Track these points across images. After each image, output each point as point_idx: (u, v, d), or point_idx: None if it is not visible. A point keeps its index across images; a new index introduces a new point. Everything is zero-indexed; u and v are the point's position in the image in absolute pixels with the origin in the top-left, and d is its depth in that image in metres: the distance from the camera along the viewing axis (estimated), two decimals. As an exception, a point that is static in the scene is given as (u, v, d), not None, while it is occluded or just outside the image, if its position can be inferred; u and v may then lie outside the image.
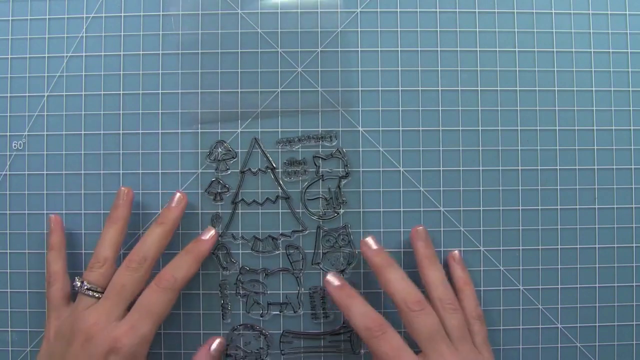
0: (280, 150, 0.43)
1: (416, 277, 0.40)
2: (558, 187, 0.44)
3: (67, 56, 0.44)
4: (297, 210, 0.43)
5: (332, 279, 0.40)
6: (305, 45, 0.44)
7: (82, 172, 0.44)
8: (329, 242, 0.43)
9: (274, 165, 0.43)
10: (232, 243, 0.43)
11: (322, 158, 0.43)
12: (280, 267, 0.43)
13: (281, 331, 0.43)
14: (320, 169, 0.43)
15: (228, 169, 0.43)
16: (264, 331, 0.43)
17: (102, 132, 0.44)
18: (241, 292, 0.43)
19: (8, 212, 0.44)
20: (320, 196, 0.43)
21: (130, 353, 0.35)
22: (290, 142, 0.43)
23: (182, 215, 0.41)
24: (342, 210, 0.43)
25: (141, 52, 0.44)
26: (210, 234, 0.42)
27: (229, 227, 0.43)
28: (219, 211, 0.43)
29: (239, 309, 0.43)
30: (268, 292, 0.43)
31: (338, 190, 0.43)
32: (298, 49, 0.44)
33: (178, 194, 0.41)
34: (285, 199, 0.43)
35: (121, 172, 0.44)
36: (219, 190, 0.43)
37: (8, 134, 0.44)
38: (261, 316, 0.43)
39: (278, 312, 0.43)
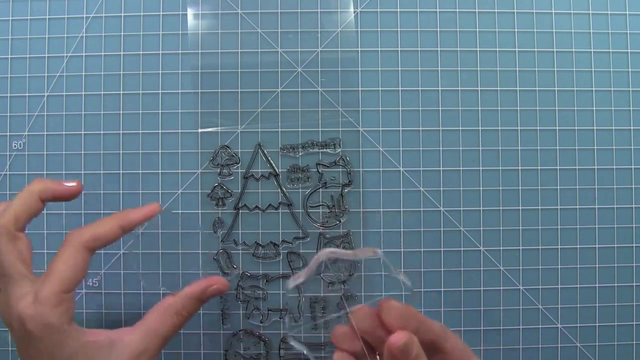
0: (281, 155, 0.43)
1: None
2: (558, 187, 0.44)
3: (67, 56, 0.44)
4: (299, 211, 0.43)
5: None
6: (305, 45, 0.44)
7: (82, 172, 0.44)
8: None
9: (277, 172, 0.43)
10: (233, 248, 0.43)
11: (325, 165, 0.43)
12: (281, 273, 0.43)
13: (281, 337, 0.43)
14: (323, 177, 0.43)
15: (231, 174, 0.43)
16: (263, 337, 0.43)
17: (102, 132, 0.44)
18: (241, 297, 0.43)
19: (8, 212, 0.44)
20: (322, 203, 0.43)
21: (35, 321, 0.30)
22: (294, 148, 0.43)
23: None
24: (344, 219, 0.43)
25: (141, 52, 0.44)
26: (149, 207, 0.35)
27: (230, 232, 0.43)
28: (220, 216, 0.43)
29: (239, 315, 0.43)
30: (268, 298, 0.43)
31: (341, 199, 0.43)
32: (298, 49, 0.44)
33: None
34: (287, 206, 0.43)
35: (121, 172, 0.44)
36: (222, 196, 0.43)
37: (8, 134, 0.44)
38: (261, 322, 0.43)
39: (278, 319, 0.43)
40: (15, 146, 0.44)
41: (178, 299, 0.35)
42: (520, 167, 0.43)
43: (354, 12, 0.44)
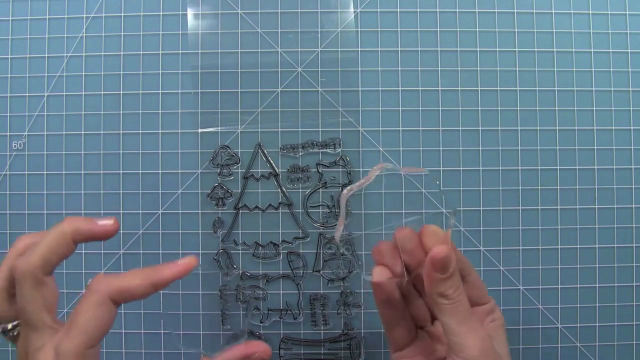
0: (281, 155, 0.43)
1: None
2: (558, 187, 0.43)
3: (67, 56, 0.44)
4: (299, 211, 0.43)
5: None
6: (305, 45, 0.44)
7: (82, 172, 0.44)
8: (331, 250, 0.43)
9: (277, 172, 0.43)
10: (233, 248, 0.43)
11: (325, 165, 0.43)
12: (280, 273, 0.43)
13: (281, 337, 0.43)
14: (323, 177, 0.43)
15: (231, 174, 0.43)
16: (263, 337, 0.43)
17: (102, 132, 0.44)
18: (241, 298, 0.43)
19: (8, 212, 0.44)
20: (322, 203, 0.43)
21: None
22: (294, 148, 0.43)
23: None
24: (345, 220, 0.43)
25: (141, 52, 0.44)
26: (185, 262, 0.31)
27: (230, 232, 0.43)
28: (220, 216, 0.43)
29: (239, 315, 0.43)
30: (268, 297, 0.43)
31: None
32: (298, 49, 0.44)
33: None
34: (287, 206, 0.43)
35: (121, 172, 0.44)
36: (222, 196, 0.43)
37: (8, 134, 0.44)
38: (261, 322, 0.43)
39: (278, 319, 0.43)
40: (15, 146, 0.44)
41: None
42: (520, 167, 0.43)
43: (354, 12, 0.44)
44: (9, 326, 0.30)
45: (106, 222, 0.31)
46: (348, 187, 0.34)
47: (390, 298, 0.34)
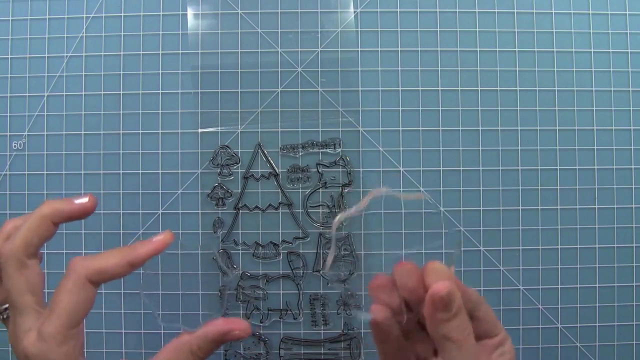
0: (281, 155, 0.43)
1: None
2: (558, 187, 0.44)
3: (67, 56, 0.44)
4: (299, 211, 0.43)
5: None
6: (305, 45, 0.44)
7: (82, 172, 0.44)
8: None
9: (277, 172, 0.43)
10: (233, 248, 0.43)
11: (325, 165, 0.43)
12: (280, 273, 0.43)
13: (281, 337, 0.43)
14: (323, 177, 0.43)
15: (231, 174, 0.43)
16: (263, 337, 0.43)
17: (102, 132, 0.44)
18: (241, 297, 0.43)
19: (8, 212, 0.44)
20: (322, 203, 0.43)
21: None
22: (294, 148, 0.43)
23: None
24: (345, 220, 0.43)
25: (141, 52, 0.44)
26: (160, 238, 0.31)
27: (230, 232, 0.43)
28: (220, 216, 0.43)
29: (239, 314, 0.43)
30: (268, 297, 0.43)
31: (341, 199, 0.43)
32: (298, 49, 0.44)
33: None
34: (287, 206, 0.43)
35: (121, 172, 0.44)
36: (222, 196, 0.43)
37: (8, 134, 0.44)
38: (261, 322, 0.43)
39: (278, 318, 0.43)
40: (15, 146, 0.44)
41: (195, 338, 0.32)
42: (520, 167, 0.43)
43: (354, 12, 0.44)
44: (1, 308, 0.31)
45: (82, 200, 0.31)
46: (339, 215, 0.32)
47: (389, 336, 0.32)
